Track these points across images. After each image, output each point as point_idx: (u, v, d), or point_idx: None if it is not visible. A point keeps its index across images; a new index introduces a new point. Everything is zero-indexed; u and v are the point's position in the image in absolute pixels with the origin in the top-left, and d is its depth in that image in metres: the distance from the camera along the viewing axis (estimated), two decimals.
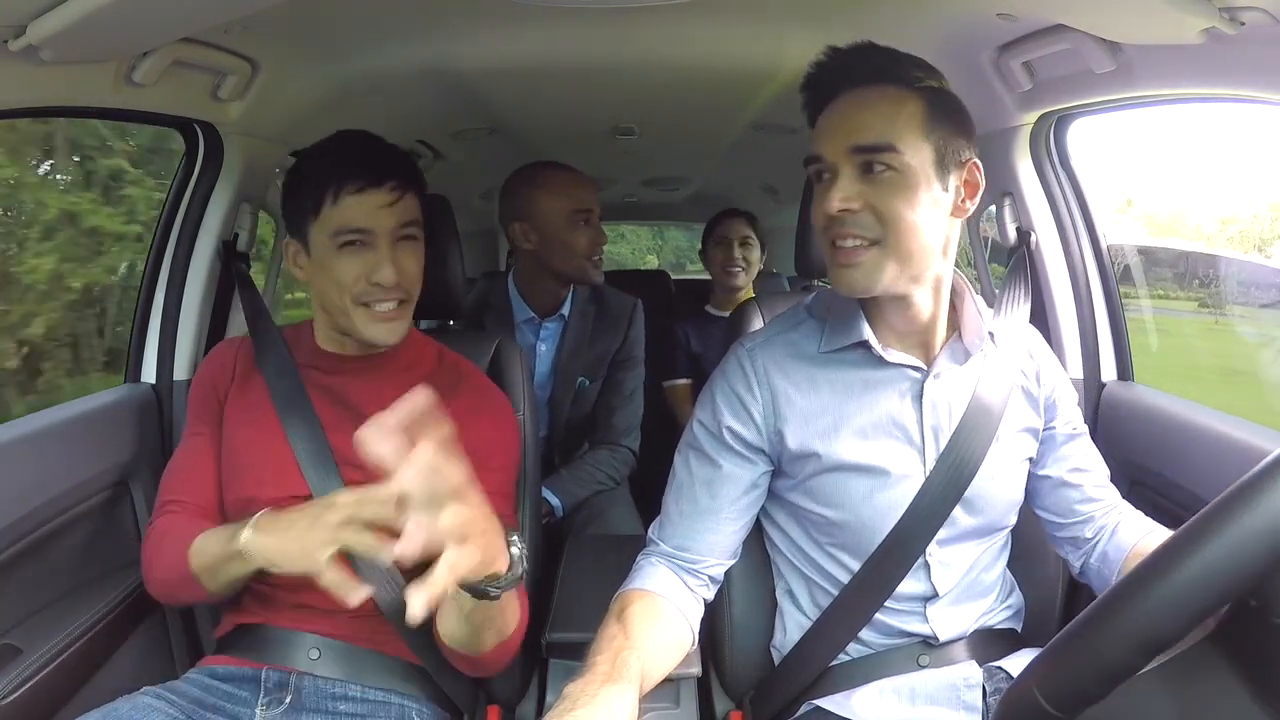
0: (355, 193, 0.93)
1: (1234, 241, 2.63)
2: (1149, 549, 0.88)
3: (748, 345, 0.95)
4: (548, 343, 1.67)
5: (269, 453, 0.98)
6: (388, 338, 0.97)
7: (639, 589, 0.89)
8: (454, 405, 0.99)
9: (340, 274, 0.94)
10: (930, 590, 0.91)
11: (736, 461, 0.92)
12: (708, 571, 0.92)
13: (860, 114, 0.84)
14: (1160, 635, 0.48)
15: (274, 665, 0.95)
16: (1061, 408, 0.97)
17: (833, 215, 0.83)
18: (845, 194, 0.83)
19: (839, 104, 0.86)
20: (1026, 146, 1.28)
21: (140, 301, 1.33)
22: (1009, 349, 0.95)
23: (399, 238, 0.96)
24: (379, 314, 0.96)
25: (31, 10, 0.79)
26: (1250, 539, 0.45)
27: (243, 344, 1.08)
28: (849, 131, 0.84)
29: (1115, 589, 0.50)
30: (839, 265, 0.85)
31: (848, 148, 0.83)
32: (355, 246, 0.94)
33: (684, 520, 0.92)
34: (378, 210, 0.93)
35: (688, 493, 0.93)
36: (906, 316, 0.89)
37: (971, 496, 0.89)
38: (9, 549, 0.99)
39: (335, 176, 0.93)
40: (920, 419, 0.90)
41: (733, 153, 2.26)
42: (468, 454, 0.98)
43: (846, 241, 0.84)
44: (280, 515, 0.85)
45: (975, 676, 0.90)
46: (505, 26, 1.23)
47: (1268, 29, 0.78)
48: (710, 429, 0.93)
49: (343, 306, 0.96)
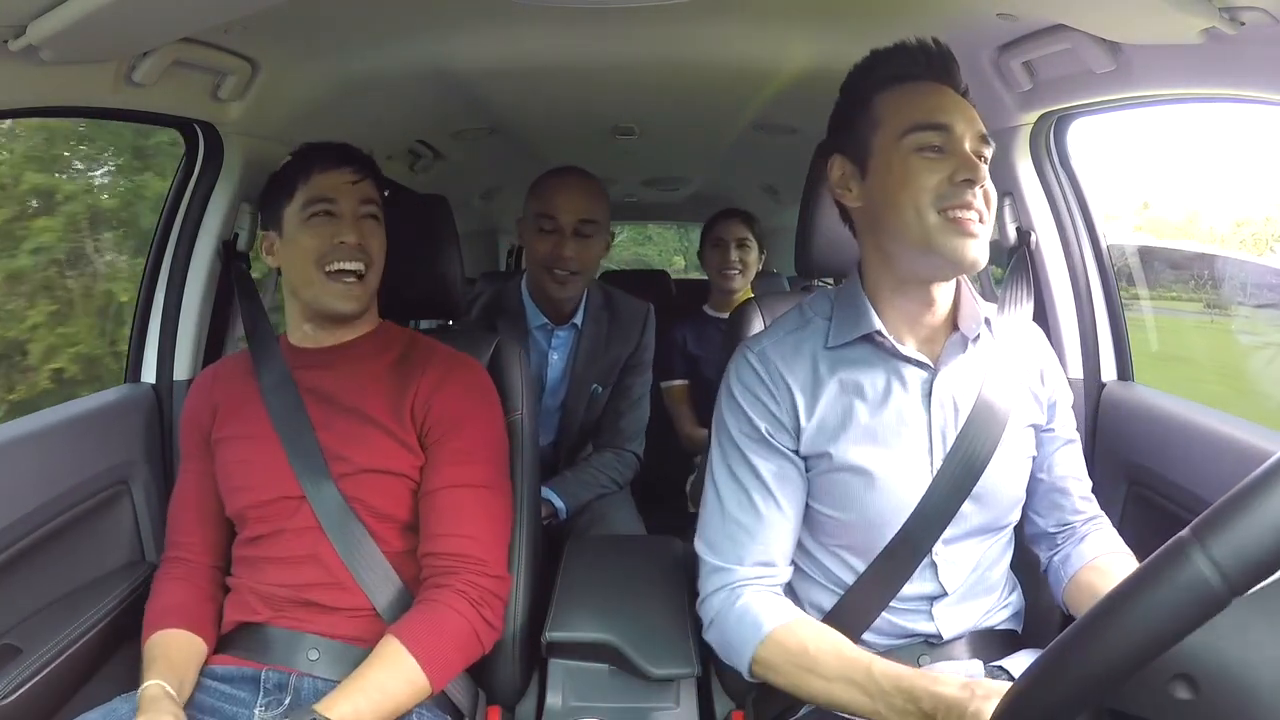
0: (323, 171, 1.05)
1: (1246, 244, 2.63)
2: (1106, 569, 0.92)
3: (756, 347, 0.94)
4: (560, 350, 1.65)
5: (262, 457, 1.00)
6: (347, 305, 1.04)
7: (781, 626, 0.85)
8: (425, 378, 1.04)
9: (307, 242, 1.03)
10: (938, 589, 0.90)
11: (782, 460, 0.91)
12: (785, 578, 0.92)
13: (967, 108, 0.88)
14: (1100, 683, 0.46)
15: (273, 666, 0.95)
16: (1059, 410, 0.98)
17: (966, 184, 0.83)
18: (984, 172, 0.84)
19: (941, 89, 0.88)
20: (1026, 146, 1.27)
21: (140, 301, 1.33)
22: (1013, 346, 0.95)
23: (361, 215, 1.05)
24: (341, 284, 1.03)
25: (31, 10, 0.79)
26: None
27: (217, 371, 1.12)
28: (973, 119, 0.87)
29: (1061, 638, 0.49)
30: (966, 235, 0.83)
31: (979, 133, 0.86)
32: (322, 218, 1.04)
33: (759, 534, 0.89)
34: (343, 185, 1.05)
35: (749, 507, 0.90)
36: (930, 303, 0.90)
37: (978, 493, 0.89)
38: (9, 549, 0.99)
39: (307, 161, 1.06)
40: (929, 419, 0.90)
41: (733, 153, 2.25)
42: (441, 418, 1.01)
43: (970, 213, 0.83)
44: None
45: (978, 675, 0.90)
46: (505, 26, 1.23)
47: (1268, 29, 0.78)
48: (749, 434, 0.91)
49: (309, 277, 1.03)
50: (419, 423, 1.01)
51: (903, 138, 0.85)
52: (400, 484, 1.00)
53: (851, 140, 0.90)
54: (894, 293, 0.90)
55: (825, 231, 1.10)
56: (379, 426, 1.00)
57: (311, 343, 1.08)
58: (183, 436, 1.10)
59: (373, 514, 0.99)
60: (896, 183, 0.85)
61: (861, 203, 0.90)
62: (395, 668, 0.89)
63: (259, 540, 1.00)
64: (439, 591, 0.95)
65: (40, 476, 1.05)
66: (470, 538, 0.97)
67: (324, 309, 1.04)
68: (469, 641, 0.95)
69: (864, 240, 0.93)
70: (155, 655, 0.93)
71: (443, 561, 0.97)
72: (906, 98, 0.87)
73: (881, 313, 0.90)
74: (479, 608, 0.95)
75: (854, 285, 0.93)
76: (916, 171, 0.84)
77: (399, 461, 1.00)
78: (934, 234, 0.83)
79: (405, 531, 1.01)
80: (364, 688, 0.86)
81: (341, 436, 1.00)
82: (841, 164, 0.92)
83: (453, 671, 0.94)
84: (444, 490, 0.99)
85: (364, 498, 0.98)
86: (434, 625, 0.93)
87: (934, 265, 0.86)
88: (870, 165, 0.89)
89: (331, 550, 0.96)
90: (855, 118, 0.90)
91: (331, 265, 1.02)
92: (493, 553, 0.99)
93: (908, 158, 0.85)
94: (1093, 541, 0.96)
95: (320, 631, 0.96)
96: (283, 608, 0.97)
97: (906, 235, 0.85)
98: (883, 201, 0.87)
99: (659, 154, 2.37)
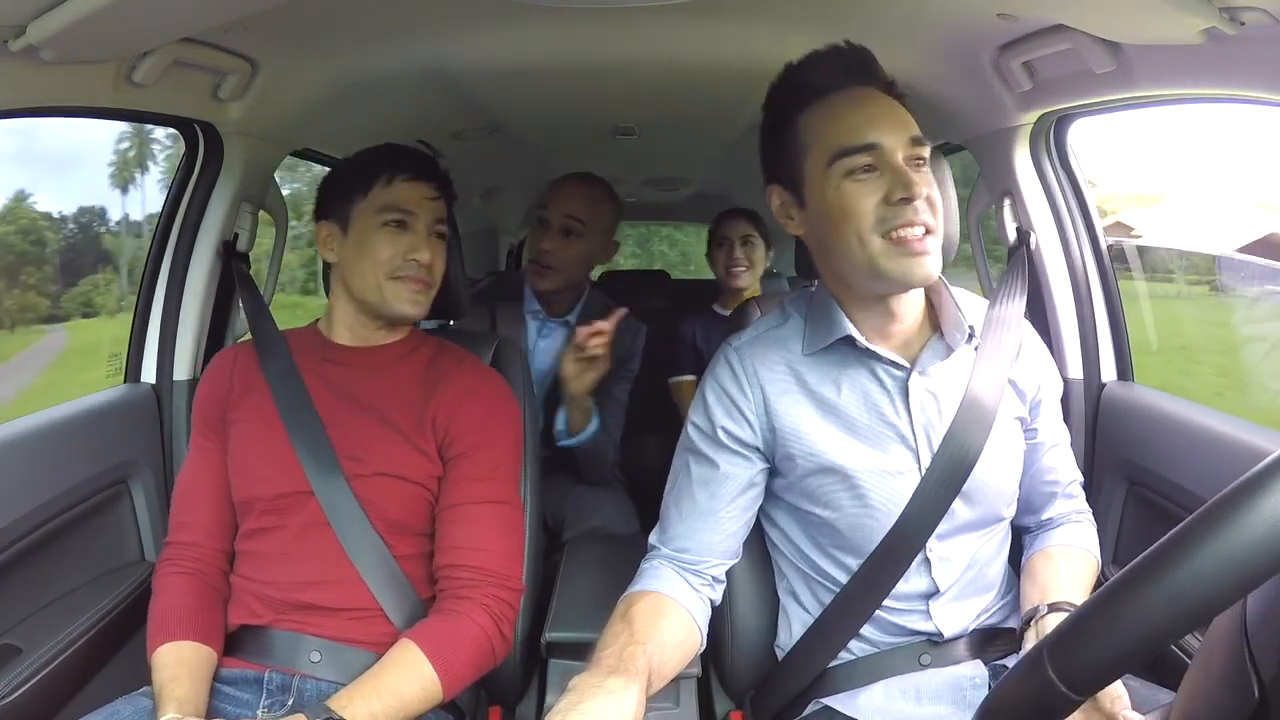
0: (408, 180, 1.05)
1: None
2: (1057, 557, 0.93)
3: (735, 344, 0.95)
4: (548, 340, 1.67)
5: (271, 451, 0.99)
6: (412, 310, 1.05)
7: (643, 590, 0.89)
8: (451, 388, 1.03)
9: (380, 249, 1.03)
10: (932, 586, 0.91)
11: (733, 461, 0.92)
12: (710, 572, 0.92)
13: (895, 110, 0.85)
14: (1203, 602, 0.43)
15: (276, 668, 0.95)
16: (1045, 410, 0.97)
17: (903, 202, 0.81)
18: (924, 181, 0.83)
19: (864, 96, 0.86)
20: (1026, 146, 1.28)
21: (140, 301, 1.33)
22: (1001, 341, 0.95)
23: (434, 232, 1.06)
24: (408, 288, 1.04)
25: (31, 10, 0.79)
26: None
27: (239, 351, 1.10)
28: (902, 123, 0.84)
29: (1148, 553, 0.45)
30: (912, 255, 0.82)
31: (909, 137, 0.83)
32: (396, 227, 1.03)
33: (684, 522, 0.92)
34: (423, 199, 1.05)
35: (687, 495, 0.93)
36: (894, 315, 0.90)
37: (969, 489, 0.89)
38: (9, 549, 0.99)
39: (393, 163, 1.05)
40: (910, 417, 0.90)
41: (733, 153, 2.25)
42: (467, 432, 1.01)
43: (915, 230, 0.82)
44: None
45: (981, 675, 0.90)
46: (505, 26, 1.23)
47: (1268, 29, 0.78)
48: (705, 430, 0.93)
49: (375, 282, 1.03)
50: (440, 434, 1.01)
51: (831, 165, 0.83)
52: (414, 490, 1.00)
53: (784, 168, 0.90)
54: (857, 308, 0.90)
55: None
56: (398, 431, 1.00)
57: (350, 340, 1.07)
58: (196, 411, 1.08)
59: (384, 517, 0.98)
60: (835, 211, 0.84)
61: (805, 230, 0.91)
62: (412, 675, 0.88)
63: (263, 533, 0.99)
64: (460, 603, 0.95)
65: (40, 476, 1.05)
66: (491, 551, 0.98)
67: (389, 312, 1.04)
68: (484, 654, 0.95)
69: (817, 261, 0.94)
70: (167, 679, 0.89)
71: (464, 574, 0.97)
72: (829, 118, 0.85)
73: (852, 319, 0.90)
74: (498, 622, 0.95)
75: (825, 291, 0.93)
76: (851, 198, 0.83)
77: (415, 469, 1.00)
78: (879, 259, 0.83)
79: (415, 537, 1.01)
80: (380, 691, 0.86)
81: (357, 437, 1.00)
82: (779, 193, 0.91)
83: (465, 682, 0.94)
84: (466, 505, 0.99)
85: (377, 500, 0.98)
86: (454, 636, 0.93)
87: (886, 286, 0.86)
88: (805, 194, 0.88)
89: (338, 547, 0.96)
90: (784, 142, 0.89)
91: (402, 273, 1.03)
92: (512, 568, 1.00)
93: (840, 185, 0.83)
94: (1060, 534, 0.97)
95: (322, 634, 0.96)
96: (284, 610, 0.97)
97: (853, 261, 0.85)
98: (825, 230, 0.87)
99: (659, 154, 2.37)
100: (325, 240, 1.07)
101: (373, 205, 1.03)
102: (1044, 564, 0.94)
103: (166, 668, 0.90)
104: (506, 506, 1.02)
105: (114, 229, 3.81)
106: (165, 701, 0.86)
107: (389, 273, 1.02)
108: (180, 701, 0.86)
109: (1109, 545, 1.23)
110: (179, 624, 0.94)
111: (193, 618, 0.95)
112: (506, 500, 1.02)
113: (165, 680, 0.89)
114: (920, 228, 0.82)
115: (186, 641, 0.93)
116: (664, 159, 2.49)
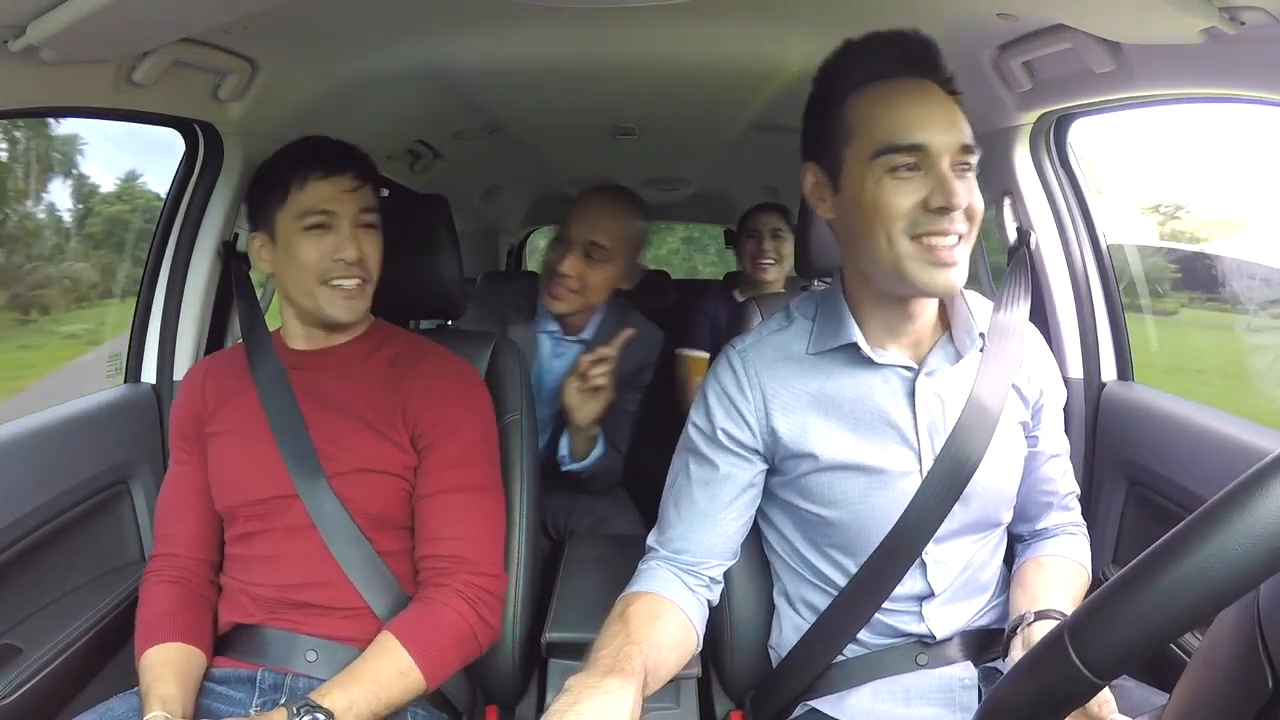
0: (320, 179, 1.01)
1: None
2: (1048, 566, 0.93)
3: (738, 346, 0.95)
4: (563, 360, 1.62)
5: (255, 456, 1.00)
6: (348, 315, 1.03)
7: (640, 591, 0.89)
8: (418, 379, 1.03)
9: (305, 254, 1.00)
10: (926, 589, 0.90)
11: (733, 462, 0.92)
12: (708, 573, 0.92)
13: (949, 111, 0.82)
14: (1230, 581, 0.41)
15: (270, 667, 0.95)
16: (1047, 418, 0.97)
17: (941, 211, 0.78)
18: (967, 190, 0.79)
19: (919, 90, 0.82)
20: (1026, 146, 1.28)
21: (140, 301, 1.33)
22: (1006, 345, 0.94)
23: (360, 224, 1.02)
24: (341, 291, 1.02)
25: (31, 10, 0.79)
26: None
27: (209, 366, 1.11)
28: (954, 125, 0.81)
29: (1173, 533, 0.44)
30: (940, 264, 0.80)
31: (960, 144, 0.80)
32: (319, 230, 1.01)
33: (682, 523, 0.92)
34: (341, 194, 1.01)
35: (686, 495, 0.93)
36: (910, 315, 0.89)
37: (969, 493, 0.89)
38: (9, 549, 0.99)
39: (302, 164, 1.01)
40: (914, 418, 0.89)
41: (733, 153, 2.26)
42: (435, 421, 1.01)
43: (948, 239, 0.80)
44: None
45: (971, 677, 0.90)
46: (505, 27, 1.23)
47: (1268, 29, 0.78)
48: (705, 431, 0.93)
49: (307, 288, 1.01)
50: (410, 425, 1.01)
51: (874, 158, 0.81)
52: (392, 483, 1.00)
53: (824, 149, 0.87)
54: (873, 306, 0.89)
55: (824, 232, 1.10)
56: (370, 427, 1.00)
57: (306, 345, 1.07)
58: (173, 429, 1.08)
59: (365, 513, 0.99)
60: (869, 205, 0.81)
61: (835, 215, 0.89)
62: (388, 661, 0.89)
63: (249, 538, 1.00)
64: (437, 591, 0.95)
65: (40, 476, 1.05)
66: (465, 539, 0.98)
67: (324, 318, 1.03)
68: (466, 639, 0.95)
69: (842, 250, 0.92)
70: (152, 680, 0.90)
71: (439, 563, 0.97)
72: (880, 106, 0.82)
73: (863, 320, 0.90)
74: (476, 606, 0.95)
75: (836, 292, 0.93)
76: (889, 194, 0.80)
77: (390, 461, 1.00)
78: (906, 262, 0.81)
79: (398, 531, 1.01)
80: (357, 679, 0.86)
81: (333, 436, 1.00)
82: (815, 173, 0.89)
83: (449, 669, 0.94)
84: (437, 495, 0.99)
85: (356, 497, 0.98)
86: (429, 621, 0.93)
87: (907, 289, 0.84)
88: (842, 180, 0.85)
89: (324, 549, 0.96)
90: (828, 122, 0.86)
91: (331, 280, 1.01)
92: (487, 553, 1.00)
93: (880, 179, 0.80)
94: (1053, 544, 0.97)
95: (317, 633, 0.96)
96: (277, 609, 0.97)
97: (879, 259, 0.82)
98: (855, 221, 0.84)
99: (659, 154, 2.37)
100: (259, 252, 1.05)
101: (291, 211, 1.01)
102: (1035, 572, 0.93)
103: (152, 669, 0.91)
104: (481, 493, 1.01)
105: None
106: (150, 701, 0.87)
107: (319, 278, 1.00)
108: (164, 700, 0.87)
109: (1109, 545, 1.23)
110: (163, 627, 0.95)
111: (177, 620, 0.96)
112: (480, 486, 1.02)
113: (150, 681, 0.89)
114: (953, 236, 0.80)
115: (171, 643, 0.94)
116: (664, 159, 2.49)
